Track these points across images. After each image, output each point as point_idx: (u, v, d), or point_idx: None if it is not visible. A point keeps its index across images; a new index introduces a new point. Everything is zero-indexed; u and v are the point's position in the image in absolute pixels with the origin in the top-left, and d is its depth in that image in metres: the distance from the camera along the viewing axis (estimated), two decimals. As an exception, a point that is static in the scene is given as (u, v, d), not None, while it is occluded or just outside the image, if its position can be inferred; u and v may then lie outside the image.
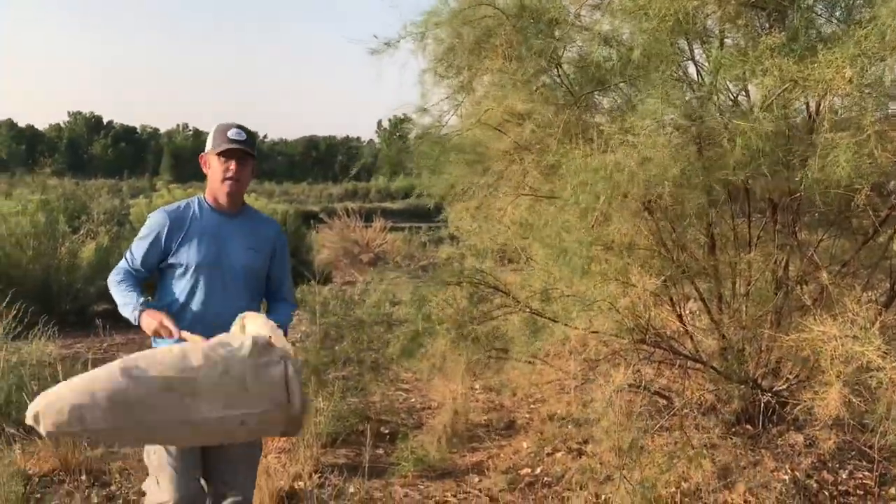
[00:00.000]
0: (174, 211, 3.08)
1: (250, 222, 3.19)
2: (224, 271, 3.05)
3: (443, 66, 4.63)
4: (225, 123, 3.08)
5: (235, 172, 3.03)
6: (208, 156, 3.09)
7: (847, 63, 2.95)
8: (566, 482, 4.46)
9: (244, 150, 3.02)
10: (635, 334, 3.90)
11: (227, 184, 3.04)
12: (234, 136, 3.00)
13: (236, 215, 3.15)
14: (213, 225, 3.08)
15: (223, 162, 3.02)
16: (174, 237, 3.02)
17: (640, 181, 3.35)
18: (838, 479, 4.38)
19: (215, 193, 3.10)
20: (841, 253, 4.60)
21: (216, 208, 3.11)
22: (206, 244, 3.03)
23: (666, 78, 3.47)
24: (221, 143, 3.01)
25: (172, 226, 3.02)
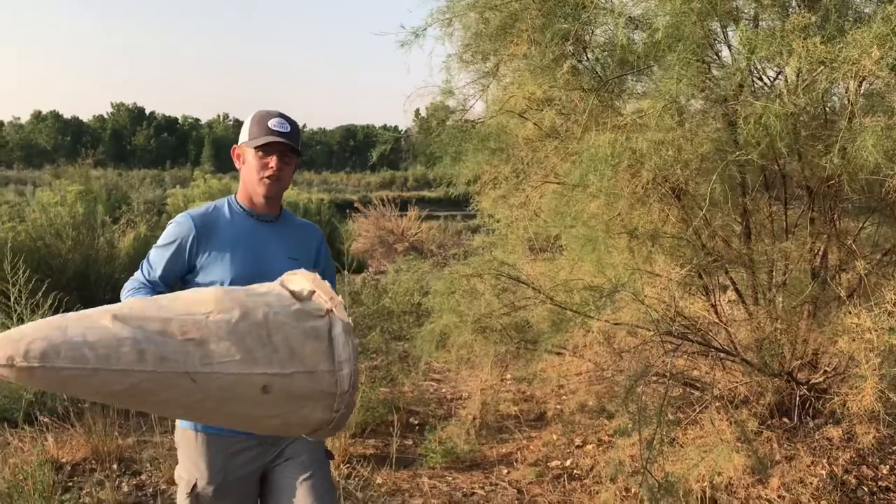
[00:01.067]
0: (201, 216, 2.53)
1: (290, 228, 2.67)
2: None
3: (469, 52, 4.56)
4: (265, 111, 2.55)
5: (276, 170, 2.50)
6: (243, 148, 2.55)
7: (874, 42, 2.81)
8: (595, 475, 4.39)
9: (288, 143, 2.49)
10: (661, 325, 3.80)
11: (266, 183, 2.50)
12: (276, 126, 2.49)
13: (275, 220, 2.63)
14: (248, 232, 2.55)
15: (262, 157, 2.49)
16: (202, 247, 2.49)
17: (653, 164, 3.23)
18: (878, 475, 4.24)
19: (250, 193, 2.56)
20: (883, 241, 4.44)
21: (251, 211, 2.58)
22: (241, 255, 2.50)
23: (684, 59, 3.34)
24: (260, 134, 2.49)
25: (200, 233, 2.48)
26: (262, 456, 2.52)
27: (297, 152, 2.56)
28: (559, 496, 4.23)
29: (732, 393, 4.20)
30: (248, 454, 2.49)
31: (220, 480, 2.46)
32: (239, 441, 2.46)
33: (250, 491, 2.55)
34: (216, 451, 2.47)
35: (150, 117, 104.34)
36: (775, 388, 4.09)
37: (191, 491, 2.46)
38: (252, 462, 2.51)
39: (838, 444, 4.25)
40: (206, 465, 2.46)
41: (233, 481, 2.49)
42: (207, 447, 2.47)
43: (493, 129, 4.44)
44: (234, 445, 2.47)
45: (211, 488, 2.46)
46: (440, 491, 4.48)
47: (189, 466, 2.49)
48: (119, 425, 5.09)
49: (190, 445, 2.49)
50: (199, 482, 2.46)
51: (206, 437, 2.47)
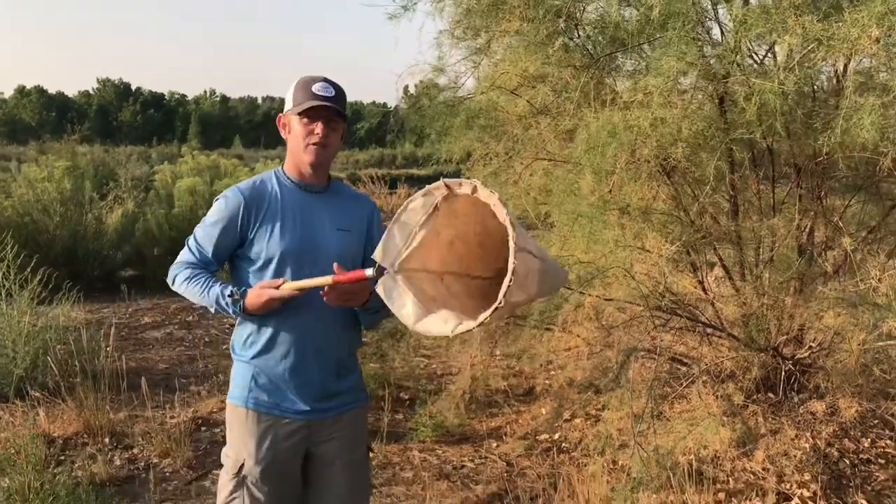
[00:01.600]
0: (250, 188, 2.46)
1: (339, 199, 2.59)
2: (316, 260, 2.43)
3: (460, 28, 4.56)
4: (309, 76, 2.48)
5: (322, 136, 2.42)
6: (288, 116, 2.48)
7: (874, 22, 2.84)
8: (583, 448, 4.46)
9: (334, 107, 2.41)
10: (651, 301, 3.85)
11: (312, 150, 2.43)
12: (320, 90, 2.41)
13: (323, 191, 2.55)
14: (297, 204, 2.48)
15: (307, 123, 2.42)
16: (253, 220, 2.43)
17: (653, 141, 3.26)
18: (860, 447, 4.32)
19: (297, 163, 2.50)
20: (868, 219, 4.50)
21: (299, 182, 2.51)
22: (290, 227, 2.43)
23: (682, 36, 3.36)
24: (304, 99, 2.40)
25: (250, 206, 2.42)
26: (309, 438, 2.48)
27: (344, 116, 2.47)
28: (548, 469, 4.29)
29: (719, 368, 4.26)
30: (297, 436, 2.45)
31: (268, 461, 2.40)
32: (290, 422, 2.43)
33: (296, 477, 2.50)
34: (267, 431, 2.42)
35: (137, 93, 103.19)
36: (761, 363, 4.15)
37: (237, 472, 2.41)
38: (300, 444, 2.47)
39: (822, 418, 4.32)
40: (255, 445, 2.41)
41: (280, 463, 2.43)
42: (258, 425, 2.42)
43: (485, 106, 4.45)
44: (284, 427, 2.43)
45: (258, 469, 2.40)
46: (430, 464, 4.54)
47: (238, 445, 2.44)
48: (111, 400, 5.11)
49: (241, 423, 2.44)
50: (246, 462, 2.40)
51: (257, 416, 2.42)
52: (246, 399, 2.43)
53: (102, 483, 4.16)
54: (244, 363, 2.47)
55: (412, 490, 4.19)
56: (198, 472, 4.41)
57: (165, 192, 11.02)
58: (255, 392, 2.43)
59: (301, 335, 2.43)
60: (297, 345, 2.43)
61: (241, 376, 2.48)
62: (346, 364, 2.56)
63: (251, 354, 2.45)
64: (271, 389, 2.43)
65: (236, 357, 2.51)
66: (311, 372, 2.45)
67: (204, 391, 5.75)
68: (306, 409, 2.44)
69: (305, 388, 2.44)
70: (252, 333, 2.45)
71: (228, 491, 2.43)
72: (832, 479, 3.94)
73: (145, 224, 10.44)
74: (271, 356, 2.43)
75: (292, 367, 2.42)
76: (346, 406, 2.54)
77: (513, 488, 4.10)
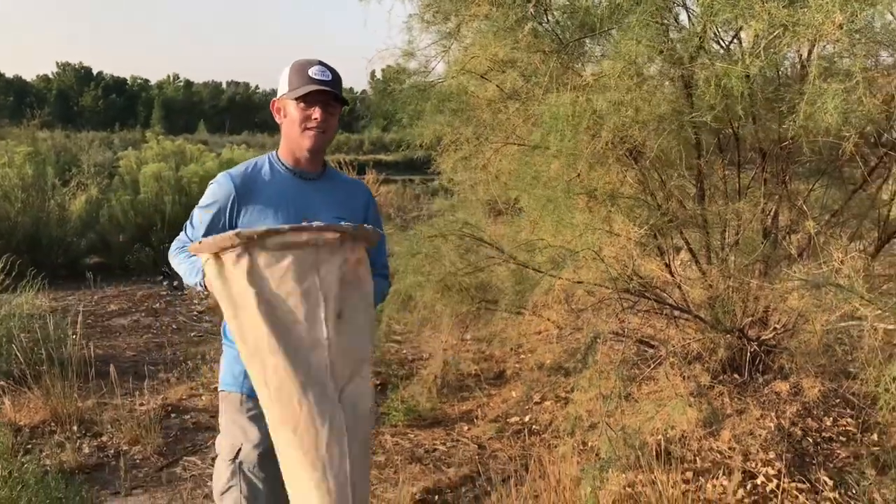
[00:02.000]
0: (241, 174, 2.44)
1: (334, 186, 2.55)
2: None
3: (430, 11, 4.55)
4: (304, 60, 2.43)
5: (321, 121, 2.39)
6: (283, 101, 2.43)
7: (837, 8, 2.89)
8: (553, 430, 4.51)
9: (332, 91, 2.38)
10: (619, 283, 3.90)
11: (309, 135, 2.39)
12: (317, 74, 2.37)
13: (319, 178, 2.53)
14: (292, 191, 2.45)
15: (304, 108, 2.37)
16: (242, 207, 2.41)
17: (613, 124, 3.29)
18: (822, 426, 4.42)
19: (293, 149, 2.46)
20: (831, 203, 4.59)
21: (293, 169, 2.48)
22: (283, 215, 2.40)
23: (643, 20, 3.39)
24: (301, 84, 2.36)
25: (240, 193, 2.40)
26: None
27: (342, 100, 2.44)
28: (519, 450, 4.34)
29: (686, 349, 4.33)
30: None
31: (266, 447, 2.34)
32: None
33: None
34: (262, 414, 2.31)
35: (98, 77, 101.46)
36: (727, 345, 4.23)
37: (234, 457, 2.39)
38: None
39: (786, 398, 4.42)
40: (252, 429, 2.39)
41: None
42: (254, 409, 2.37)
43: (455, 91, 4.46)
44: None
45: (256, 454, 2.37)
46: (403, 448, 4.56)
47: (234, 431, 2.41)
48: (78, 388, 5.05)
49: (235, 409, 2.42)
50: (244, 447, 2.38)
51: (252, 400, 2.36)
52: (241, 384, 2.40)
53: (71, 471, 4.13)
54: (237, 350, 2.36)
55: (384, 473, 4.21)
56: (168, 458, 4.39)
57: (130, 178, 10.87)
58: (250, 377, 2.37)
59: None
60: None
61: (234, 362, 2.42)
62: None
63: None
64: None
65: (228, 344, 2.47)
66: None
67: (173, 378, 5.71)
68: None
69: None
70: None
71: (225, 479, 2.40)
72: (796, 458, 4.03)
73: (110, 210, 10.29)
74: None
75: None
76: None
77: (485, 470, 4.14)
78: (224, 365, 2.49)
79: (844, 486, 3.79)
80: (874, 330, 3.09)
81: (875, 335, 3.08)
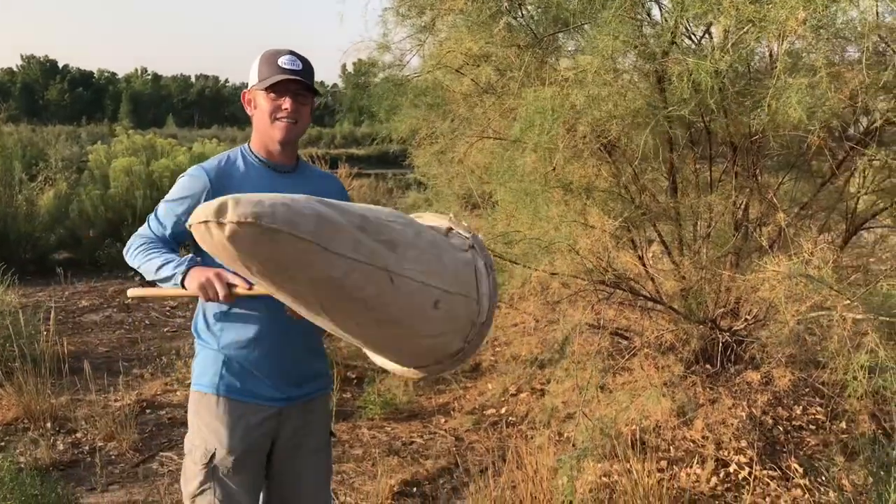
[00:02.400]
0: (215, 168, 2.35)
1: (308, 179, 2.46)
2: None
3: (405, 5, 4.56)
4: (274, 49, 2.36)
5: (291, 111, 2.31)
6: (254, 92, 2.35)
7: (801, 4, 2.95)
8: (530, 421, 4.55)
9: (303, 81, 2.31)
10: (595, 275, 3.95)
11: (280, 126, 2.32)
12: (287, 63, 2.30)
13: (293, 171, 2.45)
14: (265, 184, 2.34)
15: (274, 99, 2.30)
16: None
17: (589, 119, 3.34)
18: (792, 415, 4.51)
19: (265, 141, 2.39)
20: (800, 195, 4.67)
21: (267, 161, 2.41)
22: None
23: (618, 15, 3.43)
24: (270, 74, 2.29)
25: (215, 188, 2.28)
26: (278, 427, 2.40)
27: (313, 91, 2.37)
28: (496, 442, 4.37)
29: (659, 340, 4.39)
30: (268, 424, 2.37)
31: (241, 451, 2.32)
32: (262, 409, 2.35)
33: (262, 463, 2.43)
34: (239, 418, 2.33)
35: (64, 71, 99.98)
36: (700, 335, 4.29)
37: (208, 462, 2.32)
38: (269, 433, 2.39)
39: (757, 387, 4.49)
40: (227, 433, 2.32)
41: (252, 451, 2.36)
42: (230, 413, 2.33)
43: (430, 85, 4.47)
44: (256, 414, 2.35)
45: (231, 458, 2.31)
46: (380, 441, 4.58)
47: (206, 434, 2.34)
48: (52, 384, 5.01)
49: (210, 412, 2.34)
50: (218, 452, 2.32)
51: (228, 403, 2.33)
52: (217, 386, 2.33)
53: (46, 468, 4.10)
54: (213, 350, 2.36)
55: (362, 466, 4.23)
56: (145, 454, 4.37)
57: (100, 172, 10.74)
58: (227, 379, 2.33)
59: (273, 321, 2.29)
60: (269, 331, 2.32)
61: (210, 363, 2.36)
62: (316, 348, 2.50)
63: (223, 342, 2.34)
64: (244, 376, 2.34)
65: (202, 344, 2.40)
66: (285, 357, 2.37)
67: (147, 374, 5.68)
68: (280, 397, 2.36)
69: (279, 373, 2.36)
70: (219, 319, 2.35)
71: (198, 482, 2.33)
72: (767, 446, 4.12)
73: (80, 205, 10.16)
74: (244, 343, 2.32)
75: (267, 353, 2.33)
76: (315, 392, 2.49)
77: (462, 462, 4.17)
78: (198, 364, 2.41)
79: (814, 473, 3.88)
80: (843, 319, 3.16)
81: (844, 325, 3.16)
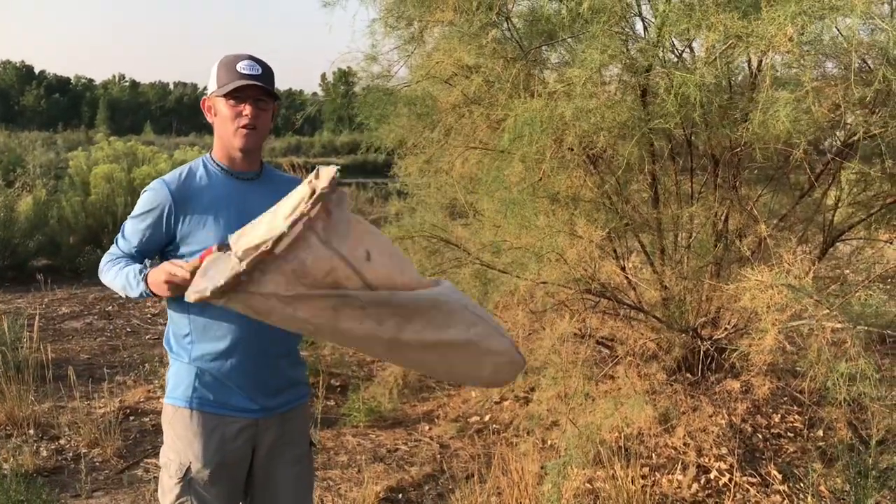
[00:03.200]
0: (176, 180, 2.31)
1: (273, 185, 2.39)
2: None
3: (393, 16, 4.61)
4: (232, 55, 2.32)
5: (252, 117, 2.27)
6: (213, 99, 2.32)
7: (789, 20, 3.04)
8: (514, 429, 4.60)
9: (263, 86, 2.27)
10: (581, 284, 4.01)
11: (242, 134, 2.28)
12: (245, 69, 2.26)
13: (256, 177, 2.41)
14: (229, 193, 2.33)
15: (234, 105, 2.26)
16: (180, 216, 2.27)
17: (577, 131, 3.41)
18: (771, 423, 4.60)
19: (227, 148, 2.34)
20: (779, 208, 4.77)
21: (229, 170, 2.37)
22: (224, 219, 2.28)
23: (606, 30, 3.51)
24: (229, 80, 2.25)
25: (177, 201, 2.27)
26: (256, 438, 2.38)
27: (274, 95, 2.33)
28: (480, 449, 4.42)
29: (642, 349, 4.46)
30: (244, 435, 2.34)
31: (216, 463, 2.30)
32: (237, 421, 2.32)
33: (241, 475, 2.41)
34: (214, 431, 2.30)
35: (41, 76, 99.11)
36: (681, 344, 4.36)
37: (184, 475, 2.29)
38: (247, 444, 2.36)
39: (737, 395, 4.57)
40: (202, 446, 2.29)
41: (228, 464, 2.33)
42: (204, 426, 2.30)
43: (419, 95, 4.52)
44: (231, 426, 2.32)
45: (207, 472, 2.29)
46: (365, 448, 4.60)
47: (181, 448, 2.31)
48: (34, 390, 4.98)
49: (184, 425, 2.31)
50: (193, 465, 2.29)
51: (202, 416, 2.30)
52: (190, 399, 2.30)
53: (30, 474, 4.08)
54: (185, 363, 2.33)
55: (347, 473, 4.25)
56: (129, 461, 4.36)
57: (80, 179, 10.68)
58: (200, 392, 2.30)
59: (245, 330, 2.28)
60: (241, 341, 2.29)
61: (183, 376, 2.33)
62: (291, 358, 2.46)
63: (195, 355, 2.31)
64: (218, 388, 2.31)
65: (174, 357, 2.37)
66: (259, 367, 2.33)
67: (130, 381, 5.66)
68: (255, 408, 2.33)
69: (253, 385, 2.33)
70: (190, 332, 2.32)
71: (174, 496, 2.31)
72: (746, 453, 4.19)
73: (60, 212, 10.11)
74: (216, 355, 2.29)
75: (239, 364, 2.30)
76: (293, 402, 2.46)
77: (447, 468, 4.21)
78: (172, 377, 2.37)
79: (793, 480, 3.96)
80: (822, 329, 3.24)
81: (823, 334, 3.24)
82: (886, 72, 3.02)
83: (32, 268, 9.63)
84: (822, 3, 3.05)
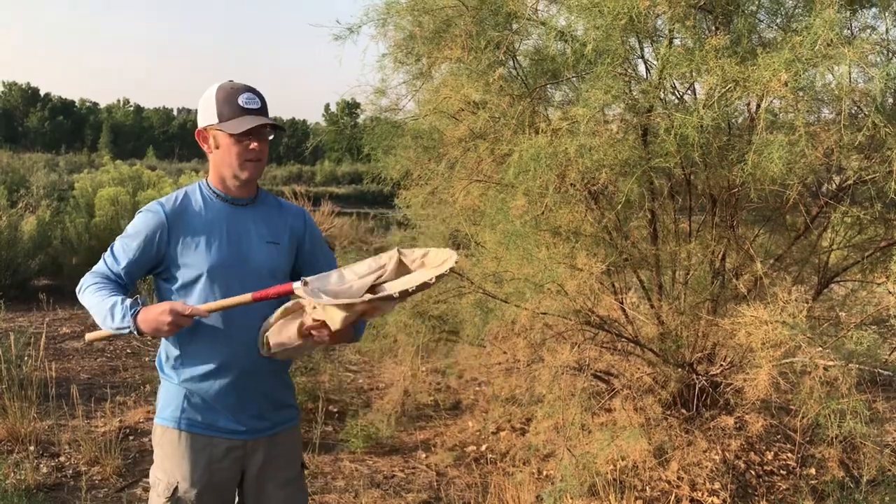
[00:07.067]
0: (172, 205, 2.36)
1: (267, 210, 2.49)
2: (246, 273, 2.35)
3: (402, 52, 4.74)
4: (228, 85, 2.36)
5: (259, 152, 2.35)
6: (212, 132, 2.35)
7: (783, 67, 3.16)
8: (510, 458, 4.64)
9: (269, 122, 2.35)
10: (581, 316, 4.09)
11: (249, 166, 2.35)
12: (247, 103, 2.31)
13: (251, 203, 2.46)
14: (223, 217, 2.39)
15: (239, 141, 2.31)
16: (173, 239, 2.33)
17: (579, 167, 3.52)
18: (764, 460, 4.64)
19: (224, 177, 2.39)
20: (775, 248, 4.86)
21: (224, 196, 2.42)
22: (217, 243, 2.34)
23: (610, 71, 3.64)
24: (233, 115, 2.29)
25: (171, 224, 2.33)
26: (245, 458, 2.42)
27: (277, 126, 2.40)
28: (477, 478, 4.46)
29: (638, 382, 4.52)
30: (232, 455, 2.39)
31: (204, 483, 2.34)
32: (225, 442, 2.37)
33: (230, 496, 2.45)
34: (202, 451, 2.35)
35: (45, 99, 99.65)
36: (677, 378, 4.43)
37: (171, 495, 2.33)
38: (235, 465, 2.41)
39: (731, 432, 4.63)
40: (189, 466, 2.34)
41: (216, 485, 2.38)
42: (192, 448, 2.35)
43: (426, 128, 4.64)
44: (220, 446, 2.37)
45: (194, 492, 2.33)
46: (362, 473, 4.65)
47: (170, 468, 2.36)
48: (36, 408, 5.03)
49: (172, 446, 2.36)
50: (180, 485, 2.33)
51: (190, 437, 2.35)
52: (178, 420, 2.35)
53: (31, 489, 4.12)
54: (174, 384, 2.38)
55: (344, 498, 4.29)
56: (128, 479, 4.41)
57: (85, 200, 10.78)
58: (188, 412, 2.35)
59: (234, 353, 2.35)
60: (229, 363, 2.35)
61: (172, 397, 2.39)
62: (280, 381, 2.51)
63: (183, 377, 2.36)
64: (205, 410, 2.36)
65: (165, 378, 2.42)
66: (247, 390, 2.39)
67: (130, 401, 5.70)
68: (242, 430, 2.38)
69: (240, 407, 2.38)
70: (181, 355, 2.37)
71: None
72: (739, 489, 4.24)
73: (63, 232, 10.19)
74: (204, 376, 2.35)
75: (227, 386, 2.35)
76: (281, 424, 2.49)
77: (444, 496, 4.25)
78: (161, 398, 2.43)
79: (785, 516, 4.00)
80: (816, 366, 3.32)
81: (816, 371, 3.31)
82: (875, 118, 3.13)
83: (35, 287, 9.68)
84: (815, 52, 3.17)
